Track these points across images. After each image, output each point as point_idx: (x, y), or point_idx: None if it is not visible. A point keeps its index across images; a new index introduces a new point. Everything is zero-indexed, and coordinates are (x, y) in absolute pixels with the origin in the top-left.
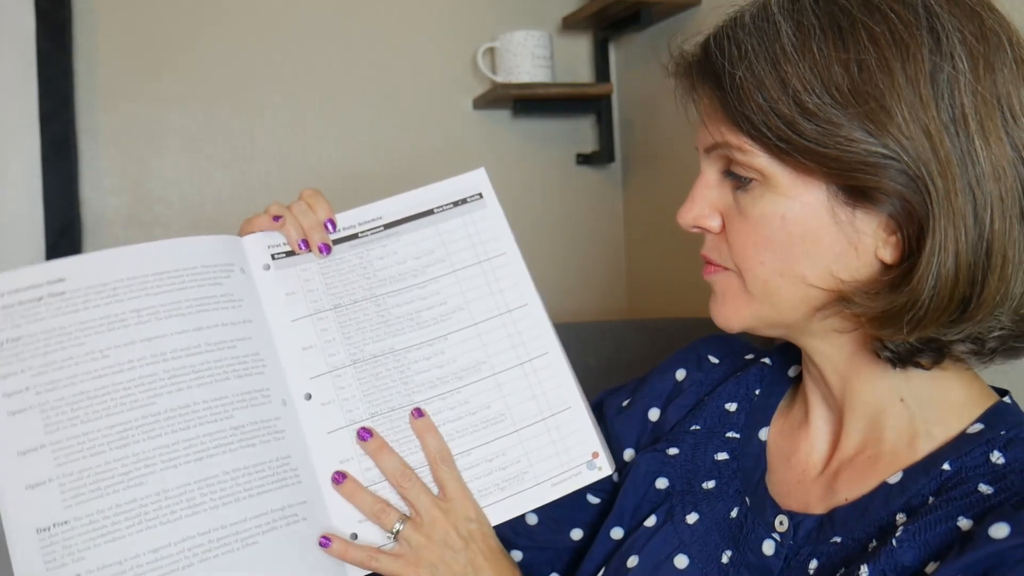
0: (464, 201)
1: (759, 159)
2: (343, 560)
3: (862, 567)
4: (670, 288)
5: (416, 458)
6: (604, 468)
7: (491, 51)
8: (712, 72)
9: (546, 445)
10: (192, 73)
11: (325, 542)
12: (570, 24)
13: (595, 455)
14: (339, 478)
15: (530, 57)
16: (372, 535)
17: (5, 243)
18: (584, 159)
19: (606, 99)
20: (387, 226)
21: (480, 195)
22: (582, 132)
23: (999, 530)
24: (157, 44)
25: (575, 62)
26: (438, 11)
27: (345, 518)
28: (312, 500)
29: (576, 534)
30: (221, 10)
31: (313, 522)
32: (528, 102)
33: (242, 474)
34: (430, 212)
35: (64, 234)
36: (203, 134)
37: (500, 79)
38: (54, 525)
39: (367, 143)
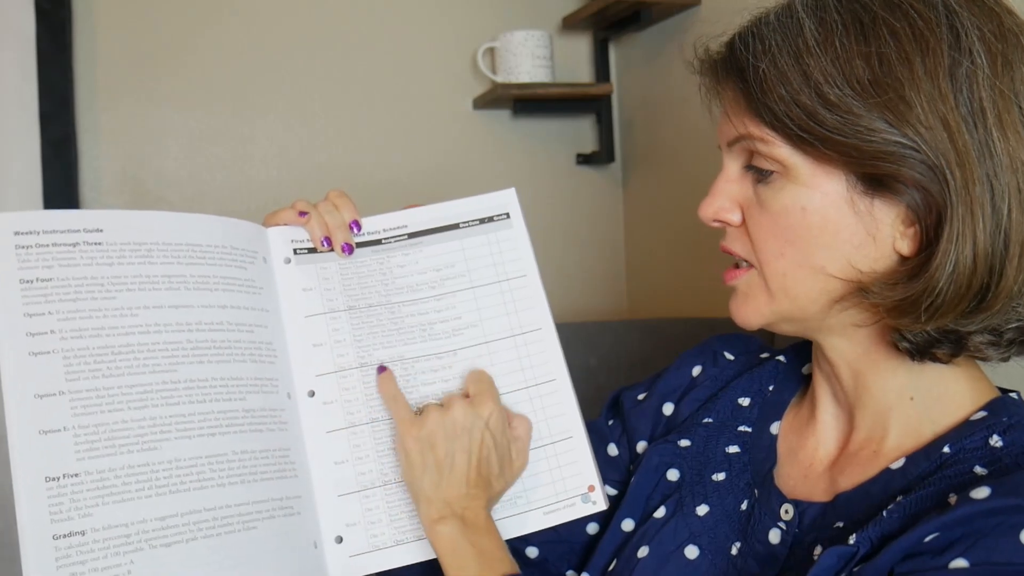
0: (491, 219)
1: (780, 149)
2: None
3: (852, 536)
4: (670, 288)
5: None
6: (599, 503)
7: (491, 51)
8: (737, 67)
9: (543, 472)
10: (192, 73)
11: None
12: (570, 24)
13: (591, 488)
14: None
15: (530, 57)
16: (358, 539)
17: None
18: (584, 159)
19: (606, 99)
20: (411, 235)
21: (507, 215)
22: (582, 132)
23: (979, 492)
24: (157, 44)
25: (575, 62)
26: (438, 11)
27: (333, 520)
28: (305, 497)
29: (592, 528)
30: (221, 10)
31: (306, 518)
32: (528, 102)
33: (249, 457)
34: (456, 226)
35: None
36: (203, 134)
37: (500, 79)
38: (64, 476)
39: (367, 143)
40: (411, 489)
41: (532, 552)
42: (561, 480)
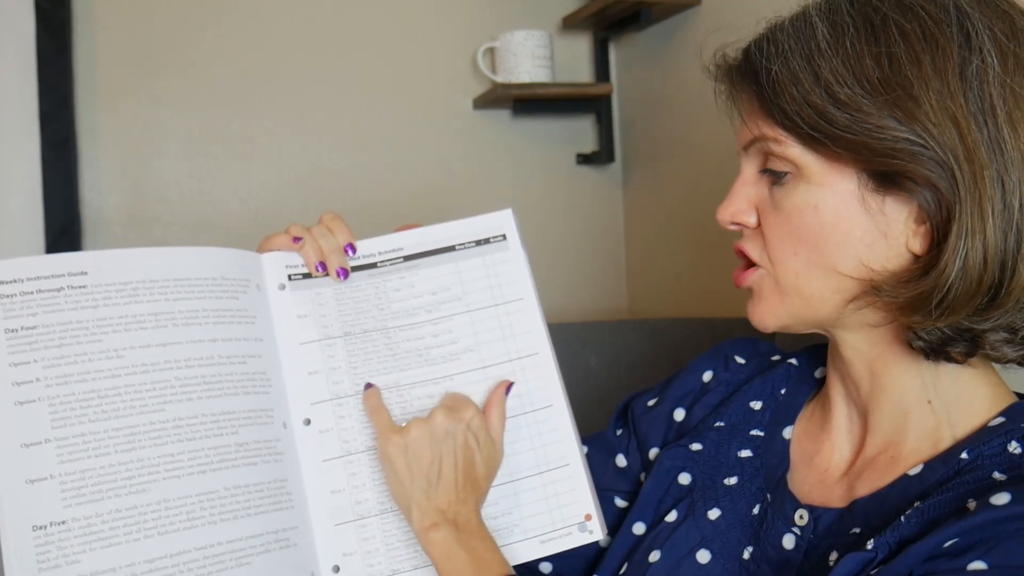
0: (487, 241)
1: (793, 149)
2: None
3: (869, 541)
4: (670, 288)
5: None
6: (595, 532)
7: (491, 51)
8: (751, 71)
9: (539, 500)
10: (192, 73)
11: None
12: (570, 24)
13: (588, 517)
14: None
15: (530, 57)
16: (355, 569)
17: (5, 243)
18: (584, 159)
19: (606, 99)
20: (407, 258)
21: (504, 237)
22: (582, 132)
23: (999, 498)
24: (157, 44)
25: (575, 62)
26: (438, 11)
27: (330, 550)
28: (302, 527)
29: (604, 541)
30: (221, 10)
31: (303, 549)
32: (528, 102)
33: (242, 492)
34: (451, 248)
35: (64, 234)
36: (203, 134)
37: (500, 79)
38: (51, 524)
39: (367, 143)
40: (398, 498)
41: (546, 567)
42: (558, 509)
